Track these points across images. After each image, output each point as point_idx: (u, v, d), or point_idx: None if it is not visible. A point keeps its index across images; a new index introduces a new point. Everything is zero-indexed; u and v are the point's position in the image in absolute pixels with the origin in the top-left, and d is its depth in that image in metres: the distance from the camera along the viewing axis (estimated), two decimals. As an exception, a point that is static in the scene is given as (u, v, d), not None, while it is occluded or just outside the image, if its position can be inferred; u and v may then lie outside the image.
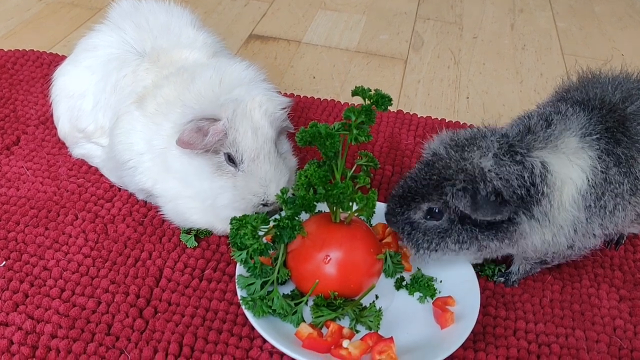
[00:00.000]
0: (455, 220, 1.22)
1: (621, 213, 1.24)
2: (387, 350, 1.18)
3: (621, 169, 1.21)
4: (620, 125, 1.24)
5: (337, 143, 1.27)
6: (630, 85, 1.33)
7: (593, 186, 1.19)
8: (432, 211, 1.24)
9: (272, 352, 1.21)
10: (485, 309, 1.35)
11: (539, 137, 1.21)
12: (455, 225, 1.23)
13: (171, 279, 1.35)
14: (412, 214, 1.26)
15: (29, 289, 1.29)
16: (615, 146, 1.21)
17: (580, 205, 1.19)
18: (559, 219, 1.20)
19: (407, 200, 1.26)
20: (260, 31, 2.51)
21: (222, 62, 1.48)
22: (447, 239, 1.24)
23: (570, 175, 1.18)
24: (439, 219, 1.24)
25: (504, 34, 2.68)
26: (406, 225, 1.28)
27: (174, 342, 1.21)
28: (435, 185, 1.20)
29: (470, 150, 1.20)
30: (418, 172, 1.25)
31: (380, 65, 2.35)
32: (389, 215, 1.31)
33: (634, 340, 1.31)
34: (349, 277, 1.25)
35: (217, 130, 1.31)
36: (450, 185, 1.18)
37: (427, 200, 1.22)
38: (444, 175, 1.19)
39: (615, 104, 1.28)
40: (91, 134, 1.56)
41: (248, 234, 1.17)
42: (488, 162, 1.17)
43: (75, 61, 1.62)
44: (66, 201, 1.52)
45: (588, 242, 1.26)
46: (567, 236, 1.22)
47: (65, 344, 1.19)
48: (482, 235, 1.22)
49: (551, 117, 1.24)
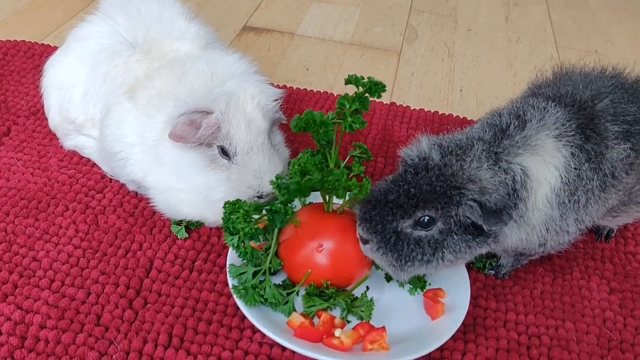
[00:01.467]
0: (448, 229, 1.14)
1: (594, 207, 1.24)
2: (379, 340, 1.18)
3: (591, 165, 1.20)
4: (590, 122, 1.23)
5: (331, 131, 1.27)
6: (601, 84, 1.33)
7: (567, 183, 1.18)
8: (421, 219, 1.14)
9: (261, 343, 1.21)
10: (476, 301, 1.35)
11: (517, 142, 1.17)
12: (448, 236, 1.15)
13: (161, 270, 1.35)
14: (400, 222, 1.14)
15: (18, 279, 1.29)
16: (586, 142, 1.20)
17: (554, 203, 1.19)
18: (532, 219, 1.19)
19: (400, 206, 1.14)
20: (254, 23, 2.50)
21: (214, 54, 1.48)
22: (444, 250, 1.15)
23: (545, 175, 1.17)
24: (427, 229, 1.14)
25: (498, 27, 2.68)
26: (391, 236, 1.15)
27: (164, 332, 1.21)
28: (441, 193, 1.12)
29: (467, 160, 1.14)
30: (415, 176, 1.15)
31: (374, 58, 2.34)
32: (370, 223, 1.16)
33: (623, 332, 1.31)
34: (341, 267, 1.25)
35: (210, 123, 1.31)
36: (459, 195, 1.11)
37: (427, 207, 1.12)
38: (452, 183, 1.12)
39: (585, 101, 1.27)
40: (81, 125, 1.55)
41: (240, 218, 1.16)
42: (486, 174, 1.13)
43: (65, 52, 1.61)
44: (57, 192, 1.52)
45: (562, 238, 1.25)
46: (539, 235, 1.22)
47: (54, 335, 1.18)
48: (474, 242, 1.17)
49: (525, 115, 1.21)
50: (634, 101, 1.31)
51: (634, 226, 1.58)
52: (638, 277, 1.45)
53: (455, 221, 1.13)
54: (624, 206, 1.37)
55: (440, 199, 1.12)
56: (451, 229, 1.14)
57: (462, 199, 1.11)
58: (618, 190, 1.27)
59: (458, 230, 1.15)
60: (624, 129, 1.25)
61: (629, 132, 1.26)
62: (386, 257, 1.17)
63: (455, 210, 1.12)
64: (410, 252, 1.16)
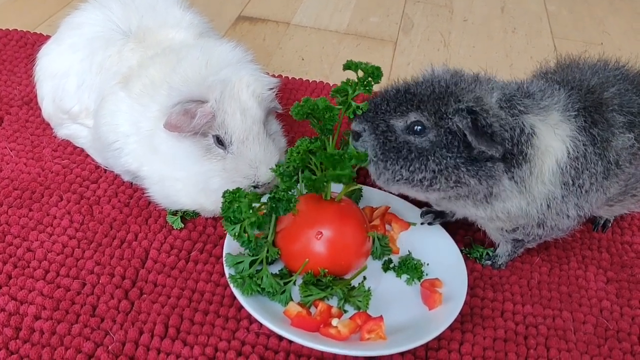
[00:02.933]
0: (437, 142, 1.14)
1: (595, 194, 1.24)
2: (376, 330, 1.18)
3: (596, 150, 1.21)
4: (597, 108, 1.23)
5: (336, 116, 1.25)
6: (608, 73, 1.33)
7: (573, 159, 1.18)
8: (414, 126, 1.14)
9: (258, 334, 1.20)
10: (473, 291, 1.35)
11: (537, 105, 1.19)
12: (437, 148, 1.14)
13: (157, 260, 1.34)
14: (393, 119, 1.16)
15: (12, 270, 1.28)
16: (591, 126, 1.21)
17: (558, 180, 1.19)
18: (535, 190, 1.19)
19: (397, 102, 1.16)
20: (249, 12, 2.48)
21: (209, 42, 1.46)
22: (430, 158, 1.14)
23: (552, 144, 1.17)
24: (419, 136, 1.14)
25: (495, 17, 2.67)
26: (381, 126, 1.17)
27: (160, 323, 1.20)
28: (437, 98, 1.13)
29: (476, 84, 1.16)
30: (420, 82, 1.17)
31: (369, 48, 2.33)
32: (367, 112, 1.19)
33: (620, 322, 1.31)
34: (339, 255, 1.25)
35: (204, 112, 1.29)
36: (455, 101, 1.12)
37: (420, 109, 1.13)
38: (451, 90, 1.13)
39: (593, 87, 1.27)
40: (76, 115, 1.54)
41: (244, 207, 1.15)
42: (491, 100, 1.15)
43: (59, 40, 1.59)
44: (51, 182, 1.50)
45: (561, 222, 1.25)
46: (539, 210, 1.21)
47: (49, 326, 1.17)
48: (464, 167, 1.14)
49: (546, 92, 1.23)
50: (638, 93, 1.31)
51: (631, 216, 1.58)
52: (634, 266, 1.45)
53: (447, 133, 1.13)
54: (620, 196, 1.37)
55: (435, 102, 1.13)
56: (442, 143, 1.14)
57: (457, 105, 1.12)
58: (620, 180, 1.27)
59: (450, 147, 1.14)
60: (629, 119, 1.26)
61: (633, 123, 1.26)
62: (373, 149, 1.18)
63: (447, 118, 1.12)
64: (396, 151, 1.16)
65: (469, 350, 1.22)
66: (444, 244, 1.40)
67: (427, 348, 1.22)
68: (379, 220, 1.42)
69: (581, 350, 1.25)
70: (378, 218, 1.43)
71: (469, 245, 1.45)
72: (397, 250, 1.39)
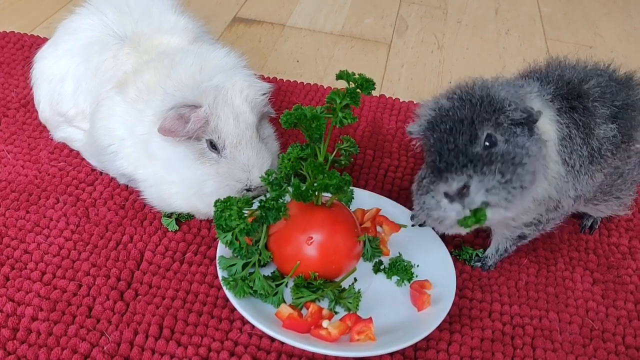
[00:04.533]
0: (509, 138, 1.14)
1: (584, 177, 1.27)
2: (366, 331, 1.20)
3: (580, 134, 1.25)
4: (575, 96, 1.28)
5: (323, 125, 1.28)
6: (587, 69, 1.38)
7: (562, 139, 1.23)
8: (489, 138, 1.14)
9: (251, 334, 1.23)
10: (462, 292, 1.37)
11: (523, 92, 1.24)
12: (512, 139, 1.14)
13: (152, 262, 1.36)
14: (475, 146, 1.13)
15: (9, 272, 1.30)
16: (570, 110, 1.26)
17: (559, 159, 1.23)
18: (550, 169, 1.22)
19: (461, 131, 1.15)
20: (244, 14, 2.50)
21: (203, 48, 1.49)
22: (516, 151, 1.13)
23: (546, 127, 1.22)
24: (496, 144, 1.14)
25: (488, 19, 2.69)
26: (478, 162, 1.12)
27: (155, 324, 1.22)
28: (487, 107, 1.15)
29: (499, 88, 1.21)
30: (458, 102, 1.18)
31: (364, 50, 2.35)
32: (452, 159, 1.13)
33: (605, 322, 1.34)
34: (330, 259, 1.27)
35: (198, 117, 1.32)
36: (505, 104, 1.15)
37: (484, 124, 1.14)
38: (491, 99, 1.16)
39: (569, 79, 1.32)
40: (72, 118, 1.56)
41: (234, 215, 1.18)
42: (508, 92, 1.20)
43: (55, 44, 1.61)
44: (47, 184, 1.53)
45: (566, 202, 1.29)
46: (557, 189, 1.24)
47: (46, 327, 1.20)
48: (529, 143, 1.14)
49: (516, 84, 1.28)
50: (622, 90, 1.34)
51: (617, 218, 1.61)
52: (620, 268, 1.48)
53: (506, 130, 1.14)
54: (604, 196, 1.40)
55: (489, 113, 1.14)
56: (510, 135, 1.14)
57: (509, 104, 1.15)
58: (603, 169, 1.30)
59: (516, 132, 1.14)
60: (611, 111, 1.29)
61: (616, 115, 1.30)
62: (490, 182, 1.12)
63: (502, 117, 1.14)
64: (506, 169, 1.12)
65: (457, 350, 1.25)
66: (434, 245, 1.42)
67: (416, 348, 1.25)
68: (370, 223, 1.45)
69: (567, 350, 1.27)
70: (369, 220, 1.45)
71: (458, 247, 1.48)
72: (387, 252, 1.42)
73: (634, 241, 1.55)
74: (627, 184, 1.41)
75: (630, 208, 1.52)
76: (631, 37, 2.62)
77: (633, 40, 2.59)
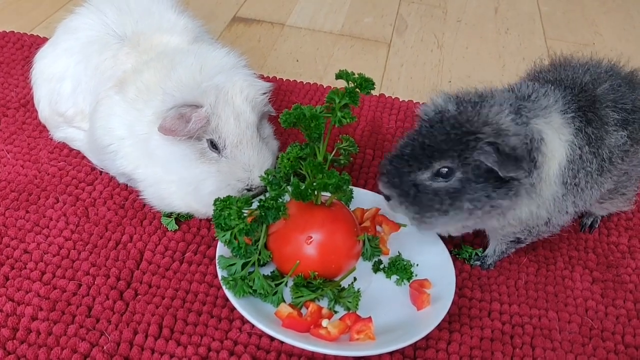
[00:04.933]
0: (467, 179, 1.15)
1: (589, 191, 1.26)
2: (365, 330, 1.20)
3: (591, 149, 1.23)
4: (591, 106, 1.25)
5: (322, 125, 1.28)
6: (600, 70, 1.36)
7: (571, 162, 1.21)
8: (440, 171, 1.16)
9: (250, 334, 1.23)
10: (461, 291, 1.38)
11: (539, 106, 1.20)
12: (468, 184, 1.15)
13: (152, 261, 1.36)
14: (419, 174, 1.17)
15: (9, 271, 1.30)
16: (587, 125, 1.23)
17: (559, 180, 1.21)
18: (544, 192, 1.21)
19: (416, 158, 1.17)
20: (244, 14, 2.50)
21: (203, 48, 1.49)
22: (463, 197, 1.16)
23: (557, 147, 1.19)
24: (447, 179, 1.16)
25: (488, 18, 2.69)
26: (411, 188, 1.18)
27: (154, 323, 1.23)
28: (455, 141, 1.13)
29: (485, 107, 1.16)
30: (430, 129, 1.17)
31: (363, 49, 2.35)
32: (389, 176, 1.20)
33: (604, 321, 1.34)
34: (329, 258, 1.27)
35: (199, 116, 1.32)
36: (475, 140, 1.12)
37: (443, 157, 1.15)
38: (467, 129, 1.13)
39: (585, 84, 1.30)
40: (71, 118, 1.56)
41: (233, 215, 1.18)
42: (507, 119, 1.14)
43: (54, 44, 1.61)
44: (47, 184, 1.53)
45: (561, 218, 1.28)
46: (548, 210, 1.24)
47: (45, 326, 1.20)
48: (494, 193, 1.15)
49: (540, 92, 1.24)
50: (631, 91, 1.34)
51: (617, 217, 1.61)
52: (620, 267, 1.48)
53: (474, 169, 1.14)
54: (610, 194, 1.40)
55: (456, 147, 1.13)
56: (470, 178, 1.15)
57: (477, 144, 1.12)
58: (613, 176, 1.30)
59: (478, 180, 1.15)
60: (622, 116, 1.28)
61: (627, 120, 1.29)
62: (408, 210, 1.21)
63: (472, 157, 1.13)
64: (430, 202, 1.17)
65: (456, 350, 1.25)
66: (434, 245, 1.42)
67: (416, 348, 1.25)
68: (370, 222, 1.45)
69: (566, 349, 1.27)
70: (369, 220, 1.45)
71: (458, 246, 1.48)
72: (387, 251, 1.42)
73: (634, 240, 1.55)
74: (632, 180, 1.40)
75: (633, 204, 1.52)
76: (631, 36, 2.62)
77: (632, 39, 2.59)
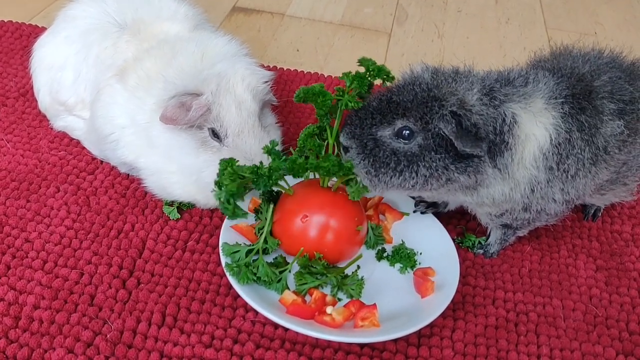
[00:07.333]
0: (425, 145, 1.15)
1: (582, 180, 1.25)
2: (370, 317, 1.20)
3: (583, 136, 1.22)
4: (587, 95, 1.25)
5: (329, 101, 1.27)
6: (600, 61, 1.35)
7: (556, 146, 1.20)
8: (402, 131, 1.16)
9: (254, 321, 1.23)
10: (465, 279, 1.37)
11: (517, 92, 1.20)
12: (427, 152, 1.15)
13: (154, 250, 1.35)
14: (380, 129, 1.17)
15: (11, 260, 1.29)
16: (579, 112, 1.22)
17: (541, 165, 1.20)
18: (517, 175, 1.20)
19: (381, 113, 1.17)
20: (244, 4, 2.49)
21: (204, 36, 1.47)
22: (419, 163, 1.16)
23: (534, 131, 1.19)
24: (407, 142, 1.16)
25: (488, 8, 2.68)
26: (369, 141, 1.18)
27: (157, 312, 1.22)
28: (421, 103, 1.14)
29: (457, 82, 1.17)
30: (401, 87, 1.18)
31: (364, 39, 2.34)
32: (352, 127, 1.19)
33: (608, 309, 1.34)
34: (332, 241, 1.26)
35: (200, 105, 1.31)
36: (439, 106, 1.13)
37: (406, 117, 1.15)
38: (434, 94, 1.14)
39: (584, 74, 1.29)
40: (72, 107, 1.55)
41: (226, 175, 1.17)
42: (473, 97, 1.15)
43: (54, 32, 1.60)
44: (48, 173, 1.52)
45: (548, 206, 1.27)
46: (523, 194, 1.23)
47: (48, 315, 1.19)
48: (453, 166, 1.16)
49: (529, 78, 1.24)
50: (630, 82, 1.33)
51: (620, 205, 1.61)
52: (623, 255, 1.48)
53: (435, 136, 1.15)
54: (611, 185, 1.39)
55: (419, 108, 1.14)
56: (430, 146, 1.15)
57: (440, 110, 1.13)
58: (609, 166, 1.29)
59: (438, 149, 1.15)
60: (619, 107, 1.27)
61: (624, 111, 1.27)
62: (363, 162, 1.19)
63: (433, 123, 1.14)
64: (386, 159, 1.17)
65: (460, 337, 1.25)
66: (437, 233, 1.42)
67: (420, 335, 1.24)
68: (373, 210, 1.44)
69: (570, 337, 1.27)
70: (372, 208, 1.45)
71: (461, 234, 1.48)
72: (390, 239, 1.42)
73: (637, 228, 1.55)
74: (633, 171, 1.40)
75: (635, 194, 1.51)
76: (631, 26, 2.61)
77: (633, 29, 2.58)
